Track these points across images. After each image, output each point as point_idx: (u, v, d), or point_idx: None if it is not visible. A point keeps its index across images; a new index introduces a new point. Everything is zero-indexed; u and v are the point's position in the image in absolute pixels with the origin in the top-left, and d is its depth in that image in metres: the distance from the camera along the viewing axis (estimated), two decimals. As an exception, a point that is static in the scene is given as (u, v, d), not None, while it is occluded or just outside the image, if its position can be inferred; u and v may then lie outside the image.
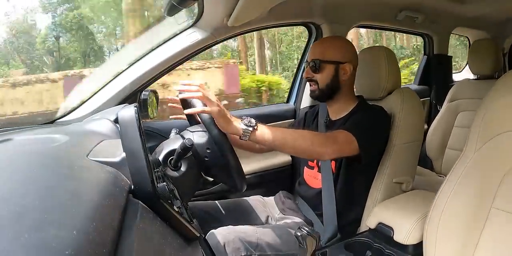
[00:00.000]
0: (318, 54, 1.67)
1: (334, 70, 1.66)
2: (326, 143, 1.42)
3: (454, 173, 1.17)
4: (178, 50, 1.89)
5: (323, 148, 1.41)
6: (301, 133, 1.42)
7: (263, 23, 2.16)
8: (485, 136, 1.12)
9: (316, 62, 1.65)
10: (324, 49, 1.68)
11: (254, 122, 1.34)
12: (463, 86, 2.76)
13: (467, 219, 1.12)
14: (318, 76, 1.66)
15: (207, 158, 1.33)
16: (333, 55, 1.66)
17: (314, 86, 1.69)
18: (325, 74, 1.66)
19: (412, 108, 1.68)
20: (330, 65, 1.65)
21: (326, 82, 1.66)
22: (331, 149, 1.42)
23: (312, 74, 1.67)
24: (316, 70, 1.66)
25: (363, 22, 2.63)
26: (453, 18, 3.22)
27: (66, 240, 0.43)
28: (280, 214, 1.83)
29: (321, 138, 1.44)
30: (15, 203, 0.47)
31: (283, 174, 2.38)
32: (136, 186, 0.74)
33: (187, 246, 0.85)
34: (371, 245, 1.36)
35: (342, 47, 1.71)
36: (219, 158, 1.29)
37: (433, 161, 2.79)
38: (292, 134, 1.40)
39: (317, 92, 1.69)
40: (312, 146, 1.39)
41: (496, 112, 1.12)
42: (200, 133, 1.36)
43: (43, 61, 17.36)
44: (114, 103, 1.80)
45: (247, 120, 1.34)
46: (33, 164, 0.70)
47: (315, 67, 1.65)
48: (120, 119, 0.79)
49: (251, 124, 1.33)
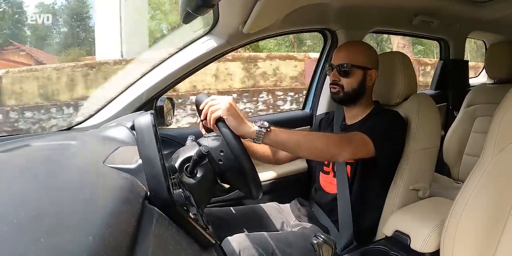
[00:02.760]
0: (347, 58, 1.65)
1: (362, 75, 1.66)
2: (341, 144, 1.41)
3: (472, 179, 1.15)
4: (193, 57, 1.90)
5: (338, 149, 1.40)
6: (316, 134, 1.42)
7: (278, 30, 2.16)
8: (503, 141, 1.10)
9: (345, 66, 1.63)
10: (354, 54, 1.67)
11: (267, 124, 1.34)
12: (480, 91, 2.72)
13: (484, 226, 1.10)
14: (345, 81, 1.65)
15: (221, 161, 1.33)
16: (363, 60, 1.65)
17: (338, 90, 1.67)
18: (353, 78, 1.65)
19: (428, 114, 1.66)
20: (359, 70, 1.65)
21: (353, 87, 1.65)
22: (346, 150, 1.41)
23: (339, 78, 1.65)
24: (344, 74, 1.64)
25: (378, 27, 2.61)
26: (469, 22, 3.18)
27: (82, 245, 0.44)
28: (296, 221, 1.82)
29: (336, 139, 1.42)
30: (32, 208, 0.48)
31: (299, 181, 2.36)
32: (152, 193, 0.75)
33: (202, 252, 0.85)
34: (388, 253, 1.35)
35: (371, 53, 1.71)
36: (233, 161, 1.29)
37: (451, 168, 2.75)
38: (306, 136, 1.40)
39: (341, 95, 1.67)
40: (327, 147, 1.39)
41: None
42: (213, 137, 1.37)
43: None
44: (130, 110, 1.82)
45: (260, 123, 1.33)
46: (50, 170, 0.71)
47: (344, 71, 1.64)
48: (136, 126, 0.80)
49: (264, 125, 1.32)
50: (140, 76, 1.90)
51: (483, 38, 3.75)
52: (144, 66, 1.95)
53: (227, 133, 1.27)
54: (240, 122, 1.29)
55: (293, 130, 1.42)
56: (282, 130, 1.37)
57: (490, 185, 1.11)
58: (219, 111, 1.28)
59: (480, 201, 1.12)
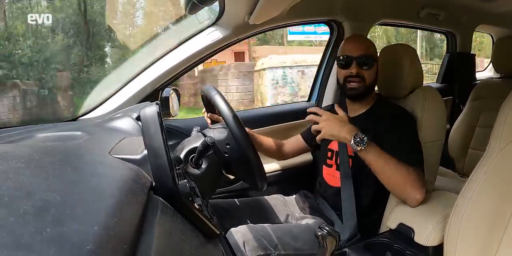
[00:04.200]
0: (364, 50, 1.63)
1: (377, 67, 1.66)
2: (417, 186, 1.41)
3: (476, 174, 1.15)
4: (199, 48, 1.91)
5: (413, 191, 1.41)
6: (401, 168, 1.40)
7: (284, 21, 2.15)
8: (508, 136, 1.09)
9: (365, 57, 1.61)
10: (369, 46, 1.66)
11: (366, 141, 1.39)
12: (486, 85, 2.71)
13: (489, 221, 1.09)
14: (367, 73, 1.62)
15: (227, 154, 1.33)
16: (375, 52, 1.66)
17: (358, 83, 1.63)
18: (373, 70, 1.65)
19: (434, 107, 1.65)
20: (375, 62, 1.65)
21: (372, 80, 1.66)
22: (421, 192, 1.41)
23: (361, 70, 1.62)
24: (367, 66, 1.62)
25: (385, 19, 2.60)
26: (477, 16, 3.16)
27: (87, 235, 0.44)
28: (301, 213, 1.82)
29: (413, 179, 1.41)
30: (37, 198, 0.48)
31: (304, 173, 2.37)
32: (157, 183, 0.75)
33: (207, 243, 0.85)
34: (391, 246, 1.35)
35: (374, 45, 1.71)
36: (239, 154, 1.29)
37: (456, 162, 2.74)
38: (391, 166, 1.40)
39: (362, 89, 1.64)
40: (404, 185, 1.41)
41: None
42: (220, 129, 1.37)
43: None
44: (136, 101, 1.82)
45: (360, 138, 1.39)
46: (55, 160, 0.71)
47: (366, 63, 1.62)
48: (142, 117, 0.80)
49: (363, 142, 1.39)
50: (145, 67, 1.90)
51: (490, 32, 3.73)
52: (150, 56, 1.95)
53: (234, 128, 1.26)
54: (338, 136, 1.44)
55: (386, 154, 1.43)
56: (376, 151, 1.42)
57: (494, 179, 1.11)
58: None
59: (484, 196, 1.11)
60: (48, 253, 0.38)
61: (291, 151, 1.96)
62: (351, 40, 1.74)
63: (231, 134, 1.28)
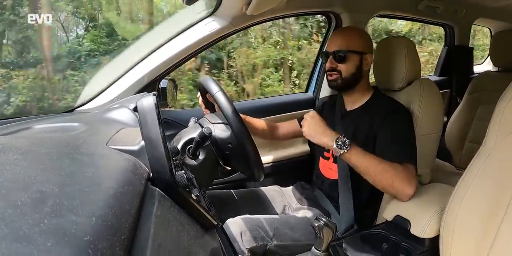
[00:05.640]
0: (342, 44, 1.65)
1: (359, 60, 1.66)
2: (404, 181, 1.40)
3: (473, 166, 1.15)
4: (196, 39, 1.89)
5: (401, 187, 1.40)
6: (385, 167, 1.40)
7: (282, 12, 2.14)
8: (506, 129, 1.09)
9: (341, 52, 1.64)
10: (349, 39, 1.66)
11: (348, 145, 1.40)
12: (484, 78, 2.71)
13: (484, 213, 1.10)
14: (342, 66, 1.65)
15: (228, 152, 1.33)
16: (357, 45, 1.65)
17: (335, 76, 1.67)
18: (350, 64, 1.65)
19: (431, 100, 1.65)
20: (355, 55, 1.65)
21: (351, 72, 1.66)
22: (412, 186, 1.41)
23: (336, 64, 1.66)
24: (340, 60, 1.65)
25: (383, 11, 2.59)
26: (476, 9, 3.16)
27: (85, 226, 0.44)
28: (298, 204, 1.83)
29: (401, 176, 1.40)
30: (35, 190, 0.48)
31: (301, 164, 2.38)
32: (155, 174, 0.75)
33: (204, 234, 0.86)
34: (388, 237, 1.36)
35: (365, 37, 1.72)
36: (240, 152, 1.29)
37: (452, 154, 2.75)
38: (376, 166, 1.40)
39: (340, 82, 1.67)
40: (392, 183, 1.40)
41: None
42: (221, 126, 1.36)
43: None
44: (133, 91, 1.82)
45: (341, 141, 1.40)
46: (53, 152, 0.71)
47: (340, 57, 1.64)
48: (139, 108, 0.80)
49: (344, 145, 1.40)
50: (142, 57, 1.89)
51: (489, 25, 3.75)
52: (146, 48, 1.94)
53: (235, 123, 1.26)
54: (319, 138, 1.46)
55: (367, 155, 1.42)
56: (359, 153, 1.42)
57: (491, 172, 1.11)
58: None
59: (481, 188, 1.12)
60: (46, 244, 0.38)
61: (284, 133, 1.98)
62: (332, 36, 1.79)
63: (233, 135, 1.28)
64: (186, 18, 1.98)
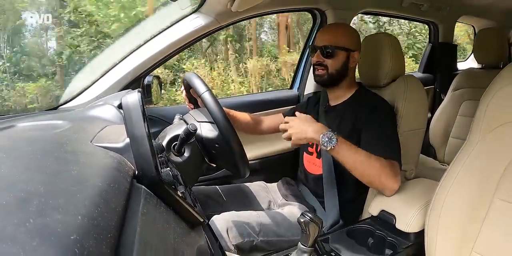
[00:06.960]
0: (331, 40, 1.66)
1: (346, 57, 1.67)
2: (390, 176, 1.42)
3: (457, 162, 1.17)
4: (181, 35, 1.88)
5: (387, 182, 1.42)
6: (372, 161, 1.41)
7: (268, 9, 2.14)
8: (489, 126, 1.11)
9: (329, 48, 1.65)
10: (337, 36, 1.67)
11: (335, 140, 1.38)
12: (467, 75, 2.75)
13: (469, 208, 1.12)
14: (329, 62, 1.66)
15: (214, 151, 1.33)
16: (346, 42, 1.66)
17: (322, 71, 1.68)
18: (337, 60, 1.66)
19: (415, 96, 1.67)
20: (342, 52, 1.66)
21: (336, 68, 1.67)
22: (397, 181, 1.43)
23: (323, 59, 1.67)
24: (328, 56, 1.66)
25: (368, 8, 2.60)
26: (459, 6, 3.20)
27: (71, 225, 0.43)
28: (283, 200, 1.84)
29: (387, 171, 1.42)
30: (19, 189, 0.47)
31: (286, 160, 2.39)
32: (140, 172, 0.75)
33: (190, 231, 0.85)
34: (373, 232, 1.37)
35: (353, 35, 1.72)
36: (226, 151, 1.29)
37: (436, 150, 2.79)
38: (363, 161, 1.41)
39: (326, 77, 1.68)
40: (379, 178, 1.41)
41: (500, 102, 1.11)
42: (207, 125, 1.36)
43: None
44: (117, 88, 1.80)
45: (328, 137, 1.39)
46: (37, 150, 0.70)
47: (328, 53, 1.65)
48: (124, 105, 0.79)
49: (331, 141, 1.39)
50: (126, 54, 1.87)
51: (472, 23, 3.80)
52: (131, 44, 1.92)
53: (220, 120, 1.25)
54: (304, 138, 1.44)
55: (357, 149, 1.43)
56: (346, 148, 1.41)
57: (474, 167, 1.13)
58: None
59: (464, 183, 1.14)
60: (32, 244, 0.38)
61: (269, 127, 1.98)
62: (322, 30, 1.79)
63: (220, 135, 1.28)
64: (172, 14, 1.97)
